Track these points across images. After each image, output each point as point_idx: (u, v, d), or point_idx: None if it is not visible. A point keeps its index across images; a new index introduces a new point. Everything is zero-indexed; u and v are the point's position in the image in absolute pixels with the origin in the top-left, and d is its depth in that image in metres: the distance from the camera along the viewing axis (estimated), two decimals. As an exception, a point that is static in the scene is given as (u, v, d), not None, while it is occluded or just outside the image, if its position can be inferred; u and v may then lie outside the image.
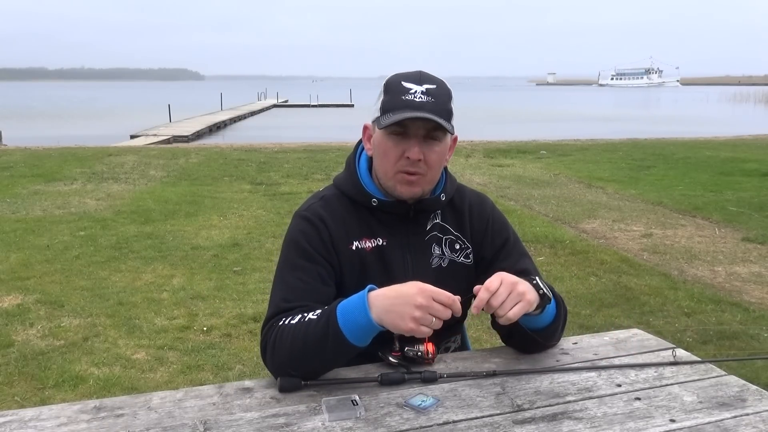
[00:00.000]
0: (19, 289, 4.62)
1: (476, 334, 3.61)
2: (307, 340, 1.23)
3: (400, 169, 1.36)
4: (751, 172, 10.29)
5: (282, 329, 1.27)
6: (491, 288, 1.21)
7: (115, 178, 9.91)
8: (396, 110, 1.32)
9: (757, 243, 5.95)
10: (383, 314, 1.18)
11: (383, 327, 1.20)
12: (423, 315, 1.16)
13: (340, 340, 1.21)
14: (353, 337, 1.21)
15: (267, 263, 5.24)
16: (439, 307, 1.17)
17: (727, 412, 1.18)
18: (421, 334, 1.18)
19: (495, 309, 1.22)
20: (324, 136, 17.94)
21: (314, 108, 45.24)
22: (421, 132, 1.34)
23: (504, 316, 1.21)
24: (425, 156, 1.35)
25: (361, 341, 1.22)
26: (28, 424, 1.12)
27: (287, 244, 1.43)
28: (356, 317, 1.20)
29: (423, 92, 1.33)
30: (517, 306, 1.22)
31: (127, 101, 61.32)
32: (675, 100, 67.37)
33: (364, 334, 1.22)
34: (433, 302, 1.16)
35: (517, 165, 11.72)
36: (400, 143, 1.35)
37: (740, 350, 3.62)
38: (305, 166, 11.32)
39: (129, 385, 3.23)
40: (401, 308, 1.17)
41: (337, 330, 1.21)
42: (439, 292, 1.18)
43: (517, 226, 4.50)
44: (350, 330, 1.21)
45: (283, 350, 1.26)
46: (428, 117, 1.31)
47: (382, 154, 1.39)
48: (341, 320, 1.21)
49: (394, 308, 1.17)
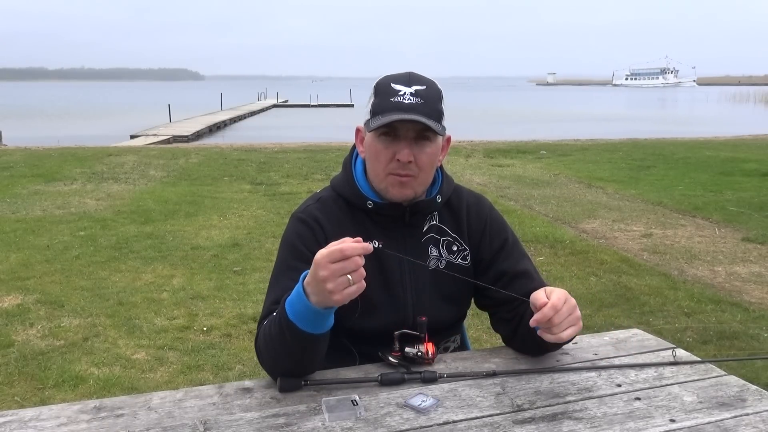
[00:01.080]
0: (19, 289, 4.62)
1: (476, 334, 3.61)
2: (274, 337, 1.24)
3: (391, 171, 1.36)
4: (751, 172, 10.29)
5: (263, 330, 1.29)
6: (558, 306, 1.22)
7: (115, 178, 9.91)
8: (385, 112, 1.33)
9: (757, 243, 5.95)
10: (315, 300, 1.16)
11: (326, 308, 1.17)
12: (335, 283, 1.12)
13: (295, 330, 1.19)
14: (306, 326, 1.19)
15: (267, 263, 5.24)
16: (338, 266, 1.11)
17: (727, 412, 1.18)
18: (353, 295, 1.13)
19: (553, 326, 1.22)
20: (324, 136, 17.95)
21: (314, 108, 45.24)
22: (411, 134, 1.34)
23: (556, 335, 1.23)
24: (416, 157, 1.35)
25: (315, 327, 1.20)
26: (28, 424, 1.12)
27: (283, 245, 1.43)
28: (299, 307, 1.19)
29: (412, 93, 1.34)
30: (570, 328, 1.24)
31: (127, 101, 61.33)
32: (691, 100, 66.19)
33: (313, 321, 1.19)
34: (332, 266, 1.12)
35: (517, 165, 11.72)
36: (391, 145, 1.35)
37: (740, 350, 3.62)
38: (305, 166, 11.32)
39: (129, 385, 3.23)
40: (318, 288, 1.13)
41: (288, 322, 1.20)
42: (330, 251, 1.12)
43: (516, 226, 4.51)
44: (300, 319, 1.19)
45: (265, 351, 1.28)
46: (416, 119, 1.31)
47: (373, 157, 1.39)
48: (290, 312, 1.20)
49: (315, 291, 1.14)
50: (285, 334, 1.21)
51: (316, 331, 1.20)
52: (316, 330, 1.20)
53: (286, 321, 1.20)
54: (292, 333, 1.20)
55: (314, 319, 1.19)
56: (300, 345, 1.22)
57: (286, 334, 1.21)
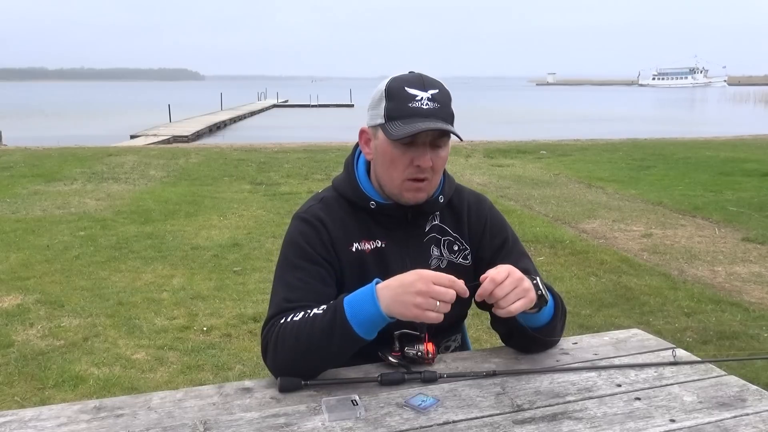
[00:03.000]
0: (19, 289, 4.62)
1: (476, 334, 3.61)
2: (313, 334, 1.23)
3: (409, 177, 1.36)
4: (751, 172, 10.28)
5: (284, 327, 1.27)
6: (497, 279, 1.22)
7: (115, 178, 9.90)
8: (404, 118, 1.31)
9: (757, 243, 5.95)
10: (390, 304, 1.19)
11: (392, 318, 1.20)
12: (425, 300, 1.16)
13: (347, 332, 1.21)
14: (361, 329, 1.21)
15: (267, 263, 5.24)
16: (440, 290, 1.17)
17: (727, 412, 1.18)
18: (428, 319, 1.18)
19: (497, 300, 1.22)
20: (324, 136, 17.94)
21: (314, 108, 45.22)
22: (428, 139, 1.34)
23: (505, 309, 1.22)
24: (433, 162, 1.35)
25: (368, 333, 1.23)
26: (28, 424, 1.12)
27: (287, 245, 1.43)
28: (365, 309, 1.21)
29: (429, 99, 1.33)
30: (519, 301, 1.23)
31: (127, 101, 61.29)
32: (721, 100, 63.97)
33: (373, 326, 1.22)
34: (433, 286, 1.17)
35: (517, 165, 11.72)
36: (408, 151, 1.34)
37: (740, 350, 3.62)
38: (305, 166, 11.32)
39: (129, 385, 3.23)
40: (404, 297, 1.18)
41: (344, 322, 1.21)
42: (439, 275, 1.19)
43: (517, 226, 4.51)
44: (358, 322, 1.21)
45: (285, 347, 1.26)
46: (443, 128, 1.30)
47: (388, 163, 1.37)
48: (349, 312, 1.21)
49: (398, 297, 1.18)
50: (334, 332, 1.21)
51: (367, 336, 1.23)
52: (367, 335, 1.22)
53: (342, 320, 1.21)
54: (342, 332, 1.21)
55: (374, 324, 1.21)
56: (342, 345, 1.23)
57: (336, 332, 1.21)
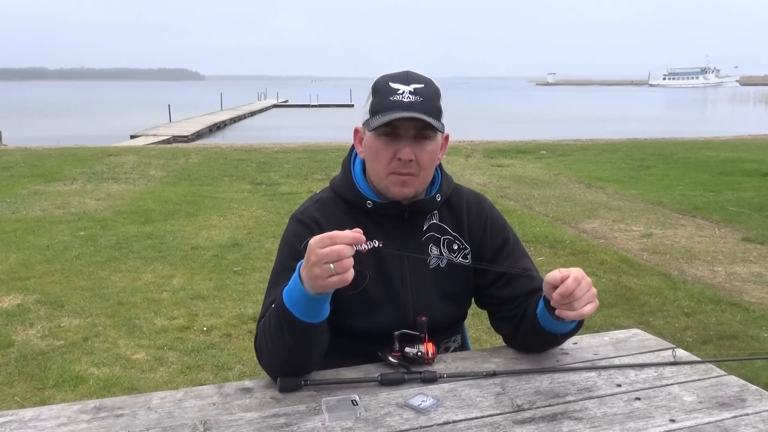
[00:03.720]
0: (19, 289, 4.62)
1: (476, 334, 3.61)
2: (273, 331, 1.24)
3: (393, 171, 1.37)
4: (751, 172, 10.28)
5: (260, 329, 1.30)
6: (579, 279, 1.22)
7: (115, 178, 9.90)
8: (385, 111, 1.33)
9: (757, 243, 5.95)
10: (306, 282, 1.16)
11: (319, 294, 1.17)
12: (320, 269, 1.12)
13: (291, 318, 1.19)
14: (300, 313, 1.19)
15: (267, 263, 5.24)
16: (325, 251, 1.12)
17: (727, 412, 1.18)
18: (334, 285, 1.13)
19: (575, 300, 1.22)
20: (324, 136, 17.95)
21: (314, 108, 45.21)
22: (411, 132, 1.34)
23: (577, 311, 1.22)
24: (417, 156, 1.35)
25: (310, 316, 1.20)
26: (28, 424, 1.12)
27: (282, 246, 1.44)
28: (296, 293, 1.19)
29: (411, 92, 1.34)
30: (590, 305, 1.24)
31: (127, 101, 61.28)
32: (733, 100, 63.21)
33: (309, 308, 1.19)
34: (319, 251, 1.12)
35: (517, 165, 11.72)
36: (391, 144, 1.35)
37: (740, 350, 3.62)
38: (305, 166, 11.32)
39: (129, 385, 3.23)
40: (308, 272, 1.14)
41: (284, 309, 1.20)
42: (321, 237, 1.13)
43: (517, 226, 4.51)
44: (295, 306, 1.19)
45: (264, 350, 1.28)
46: (417, 116, 1.31)
47: (373, 156, 1.39)
48: (287, 299, 1.20)
49: (306, 275, 1.15)
50: (281, 323, 1.21)
51: (310, 319, 1.20)
52: (310, 318, 1.20)
53: (282, 308, 1.20)
54: (287, 321, 1.20)
55: (308, 305, 1.19)
56: (295, 335, 1.21)
57: (283, 323, 1.21)
